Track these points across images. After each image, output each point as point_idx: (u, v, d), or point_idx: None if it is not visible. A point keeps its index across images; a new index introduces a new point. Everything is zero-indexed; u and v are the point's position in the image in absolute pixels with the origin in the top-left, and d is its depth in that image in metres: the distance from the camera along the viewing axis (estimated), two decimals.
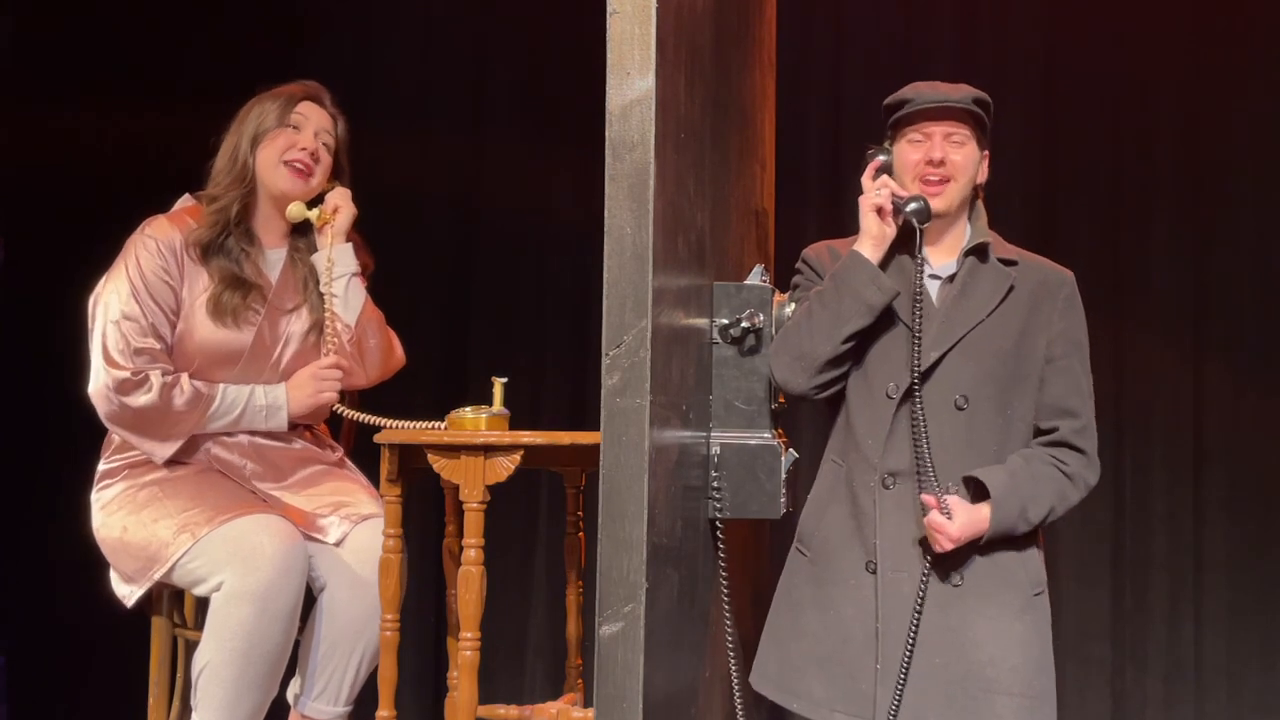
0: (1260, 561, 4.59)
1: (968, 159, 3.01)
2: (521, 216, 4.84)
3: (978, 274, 3.00)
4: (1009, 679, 2.92)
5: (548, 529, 4.78)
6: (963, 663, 2.91)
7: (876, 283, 2.93)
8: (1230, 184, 4.64)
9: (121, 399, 3.28)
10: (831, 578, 2.97)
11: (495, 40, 4.91)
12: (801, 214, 4.61)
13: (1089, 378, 3.04)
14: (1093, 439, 3.02)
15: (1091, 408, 3.02)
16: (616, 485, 2.31)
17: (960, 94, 3.01)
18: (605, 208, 2.33)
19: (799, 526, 3.08)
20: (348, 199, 3.47)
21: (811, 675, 2.97)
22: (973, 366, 2.95)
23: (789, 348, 2.93)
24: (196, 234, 3.37)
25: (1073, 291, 3.04)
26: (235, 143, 3.42)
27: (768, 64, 3.51)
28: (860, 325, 2.93)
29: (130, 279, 3.32)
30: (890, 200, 2.97)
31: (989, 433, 2.95)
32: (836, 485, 3.02)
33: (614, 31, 2.34)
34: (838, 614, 2.95)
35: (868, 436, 2.96)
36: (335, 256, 3.44)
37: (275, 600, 3.19)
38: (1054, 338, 3.00)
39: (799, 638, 2.99)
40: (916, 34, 4.76)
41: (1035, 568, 3.00)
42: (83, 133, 4.69)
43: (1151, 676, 4.61)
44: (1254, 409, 4.60)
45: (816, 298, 2.98)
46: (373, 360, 3.49)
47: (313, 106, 3.46)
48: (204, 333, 3.36)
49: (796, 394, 2.96)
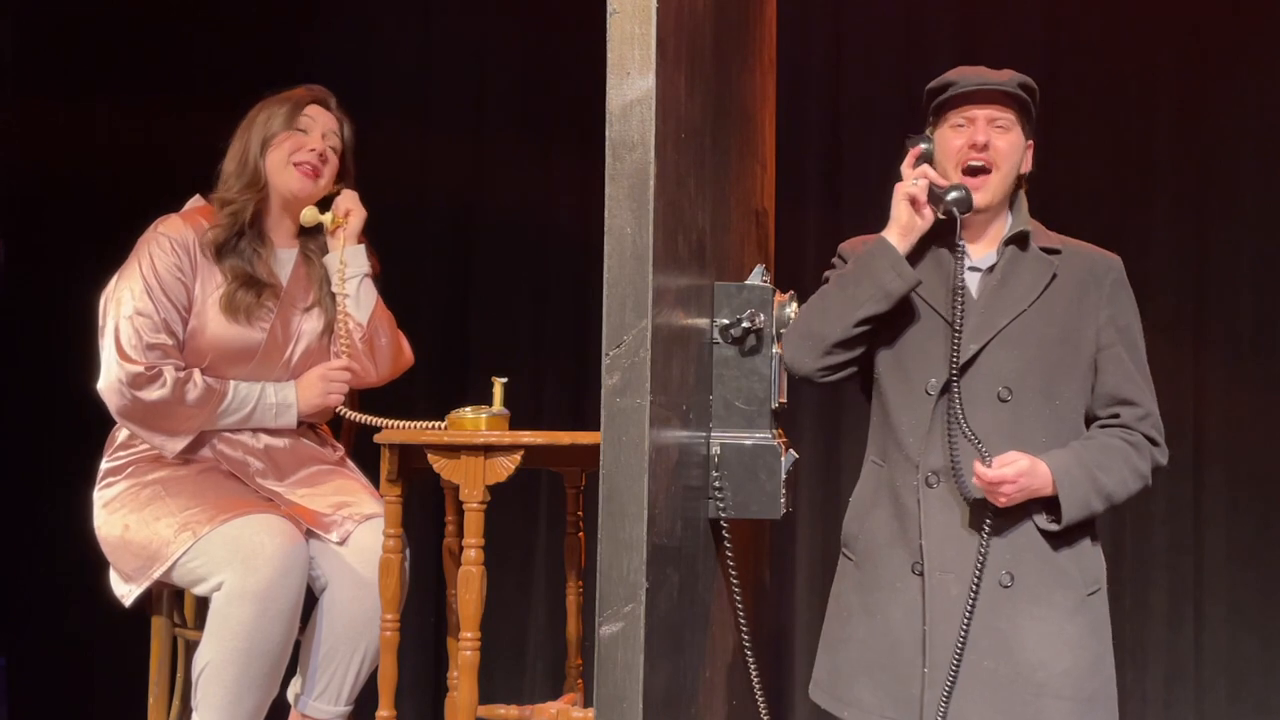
0: (1260, 561, 4.58)
1: (1012, 146, 2.94)
2: (521, 216, 4.84)
3: (1019, 263, 2.93)
4: (1059, 682, 2.85)
5: (548, 529, 4.78)
6: (1011, 665, 2.84)
7: (897, 269, 2.88)
8: (1230, 183, 4.63)
9: (135, 393, 3.29)
10: (877, 582, 2.93)
11: (495, 40, 4.91)
12: (801, 214, 4.61)
13: (1144, 363, 2.96)
14: (1156, 426, 2.93)
15: (1151, 395, 2.94)
16: (616, 485, 2.31)
17: (1005, 77, 2.93)
18: (605, 208, 2.33)
19: (844, 531, 3.04)
20: (357, 202, 3.51)
21: (860, 682, 2.93)
22: (1016, 357, 2.88)
23: (801, 326, 2.90)
24: (210, 235, 3.40)
25: (1120, 277, 2.96)
26: (244, 146, 3.46)
27: (768, 64, 3.51)
28: (875, 310, 2.89)
29: (144, 275, 3.34)
30: (927, 190, 2.91)
31: (1036, 423, 2.88)
32: (879, 487, 2.97)
33: (614, 31, 2.34)
34: (885, 619, 2.91)
35: (909, 435, 2.92)
36: (347, 258, 3.47)
37: (276, 600, 3.19)
38: (1102, 325, 2.93)
39: (847, 645, 2.96)
40: (916, 34, 4.75)
41: (1091, 565, 2.93)
42: (83, 133, 4.70)
43: (1151, 676, 4.61)
44: (1254, 408, 4.60)
45: (837, 279, 2.96)
46: (384, 359, 3.51)
47: (319, 110, 3.49)
48: (217, 329, 3.37)
49: (802, 374, 2.93)
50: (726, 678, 2.91)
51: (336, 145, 3.51)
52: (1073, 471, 2.84)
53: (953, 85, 2.94)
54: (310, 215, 3.47)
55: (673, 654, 2.48)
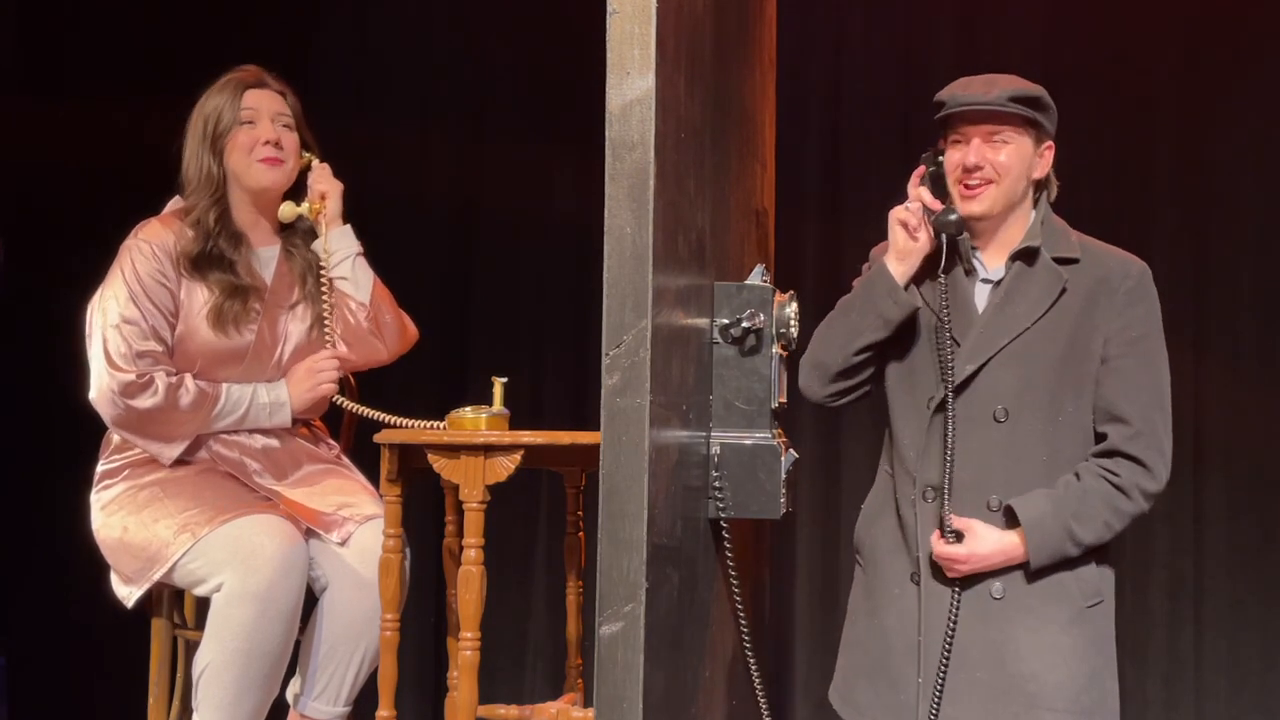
0: (1260, 561, 4.58)
1: (1013, 158, 2.88)
2: (521, 216, 4.84)
3: (1024, 279, 2.90)
4: (1052, 695, 2.83)
5: (548, 529, 4.78)
6: (1003, 677, 2.84)
7: (894, 296, 2.88)
8: (1230, 183, 4.63)
9: (127, 402, 3.28)
10: (880, 587, 2.96)
11: (495, 40, 4.91)
12: (801, 214, 4.60)
13: (1153, 376, 2.90)
14: (1150, 445, 2.87)
15: (1153, 409, 2.88)
16: (616, 485, 2.31)
17: (996, 92, 2.86)
18: (605, 208, 2.33)
19: (855, 535, 3.07)
20: (329, 177, 3.48)
21: (860, 685, 2.96)
22: (1015, 376, 2.87)
23: (809, 355, 2.95)
24: (183, 247, 3.36)
25: (1137, 285, 2.90)
26: (195, 148, 3.42)
27: (768, 64, 3.50)
28: (875, 338, 2.91)
29: (127, 283, 3.32)
30: (919, 213, 2.90)
31: (1036, 444, 2.87)
32: (886, 495, 3.00)
33: (614, 31, 2.34)
34: (881, 624, 2.93)
35: (909, 448, 2.93)
36: (334, 243, 3.45)
37: (276, 601, 3.19)
38: (1111, 336, 2.88)
39: (853, 648, 3.00)
40: (917, 34, 4.76)
41: (1091, 577, 2.91)
42: (84, 133, 4.69)
43: (1151, 676, 4.61)
44: (1253, 408, 4.60)
45: (841, 307, 2.97)
46: (391, 335, 3.51)
47: (258, 93, 3.44)
48: (205, 337, 3.36)
49: (814, 401, 2.99)
50: (726, 678, 2.91)
51: (289, 123, 3.46)
52: (1046, 524, 2.83)
53: (944, 105, 2.91)
54: (288, 211, 3.45)
55: (673, 654, 2.48)
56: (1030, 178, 2.94)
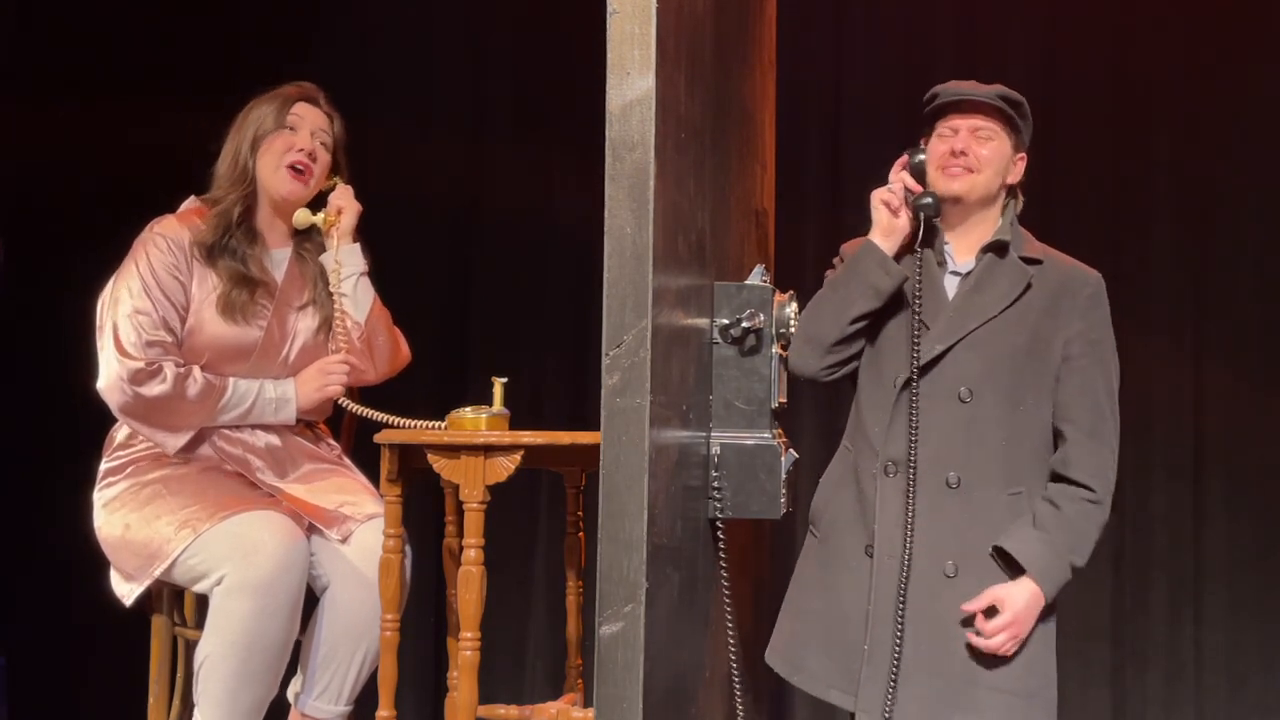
0: (1260, 561, 4.58)
1: (994, 154, 3.03)
2: (521, 216, 4.84)
3: (994, 270, 3.02)
4: (997, 675, 2.92)
5: (548, 529, 4.78)
6: (949, 654, 2.92)
7: (884, 267, 2.99)
8: (1230, 184, 4.63)
9: (136, 389, 3.30)
10: (835, 559, 3.03)
11: (495, 40, 4.91)
12: (801, 214, 4.61)
13: (1107, 378, 3.02)
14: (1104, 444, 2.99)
15: (1105, 409, 3.00)
16: (616, 485, 2.31)
17: (988, 90, 3.03)
18: (605, 208, 2.33)
19: (811, 507, 3.14)
20: (350, 198, 3.52)
21: (812, 652, 3.02)
22: (980, 361, 2.97)
23: (801, 332, 2.99)
24: (199, 235, 3.41)
25: (1095, 293, 3.04)
26: (236, 146, 3.47)
27: (768, 64, 3.51)
28: (867, 308, 3.00)
29: (141, 274, 3.36)
30: (901, 195, 3.02)
31: (995, 427, 2.96)
32: (846, 470, 3.08)
33: (614, 31, 2.34)
34: (838, 595, 3.00)
35: (874, 424, 3.01)
36: (342, 258, 3.47)
37: (276, 594, 3.19)
38: (1073, 336, 3.00)
39: (804, 616, 3.05)
40: (917, 34, 4.76)
41: None
42: (84, 133, 4.69)
43: (1151, 676, 4.61)
44: (1254, 409, 4.60)
45: (829, 283, 3.07)
46: (382, 357, 3.53)
47: (308, 107, 3.50)
48: (214, 329, 3.38)
49: (807, 375, 3.03)
50: (726, 677, 2.91)
51: (327, 141, 3.51)
52: (1052, 571, 2.93)
53: (938, 96, 3.06)
54: (303, 217, 3.49)
55: (673, 654, 2.48)
56: (1004, 180, 3.07)
